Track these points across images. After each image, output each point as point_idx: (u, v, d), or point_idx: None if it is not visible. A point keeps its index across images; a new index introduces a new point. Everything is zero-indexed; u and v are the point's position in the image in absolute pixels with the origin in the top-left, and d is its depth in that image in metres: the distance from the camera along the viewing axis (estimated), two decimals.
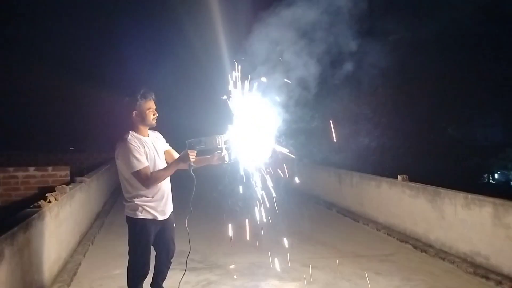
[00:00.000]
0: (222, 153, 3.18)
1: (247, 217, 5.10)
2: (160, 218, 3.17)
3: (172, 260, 3.45)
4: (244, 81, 3.33)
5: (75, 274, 4.79)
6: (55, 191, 5.07)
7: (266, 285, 4.52)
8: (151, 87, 3.24)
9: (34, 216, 3.96)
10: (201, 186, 3.16)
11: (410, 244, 6.02)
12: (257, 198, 3.75)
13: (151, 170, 3.08)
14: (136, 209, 3.08)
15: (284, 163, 4.69)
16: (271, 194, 3.78)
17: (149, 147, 3.15)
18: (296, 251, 5.62)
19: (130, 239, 3.17)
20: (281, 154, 3.41)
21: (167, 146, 3.42)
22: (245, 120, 3.26)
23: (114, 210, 8.49)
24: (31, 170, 6.81)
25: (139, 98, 3.11)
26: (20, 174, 6.74)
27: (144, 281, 3.29)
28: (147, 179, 3.02)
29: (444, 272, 4.95)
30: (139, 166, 3.00)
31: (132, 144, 3.03)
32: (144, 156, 3.06)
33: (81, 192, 6.55)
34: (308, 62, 4.18)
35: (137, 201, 3.08)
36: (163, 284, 3.48)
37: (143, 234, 3.12)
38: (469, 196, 5.21)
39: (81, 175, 7.25)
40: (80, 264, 5.13)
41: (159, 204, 3.17)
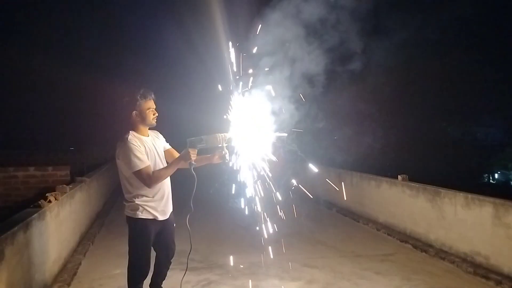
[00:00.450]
0: (223, 152, 3.18)
1: (247, 217, 5.10)
2: (161, 218, 3.17)
3: (172, 260, 3.45)
4: (249, 78, 3.32)
5: (76, 274, 4.80)
6: (56, 191, 5.07)
7: (267, 285, 4.52)
8: (151, 86, 3.24)
9: (34, 216, 3.96)
10: (198, 184, 3.15)
11: (410, 244, 6.02)
12: (257, 198, 3.75)
13: (152, 170, 3.08)
14: (137, 209, 3.08)
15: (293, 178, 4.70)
16: (271, 196, 3.77)
17: (150, 147, 3.15)
18: (296, 251, 5.62)
19: (130, 239, 3.16)
20: (284, 154, 3.40)
21: (167, 146, 3.42)
22: (245, 119, 3.25)
23: (114, 210, 8.49)
24: (31, 170, 6.80)
25: (139, 98, 3.11)
26: (20, 174, 6.73)
27: (144, 281, 3.29)
28: (149, 178, 3.02)
29: (444, 272, 4.95)
30: (141, 166, 3.00)
31: (133, 144, 3.03)
32: (145, 156, 3.06)
33: (82, 192, 6.55)
34: (312, 60, 4.15)
35: (138, 201, 3.08)
36: (162, 285, 3.48)
37: (144, 234, 3.12)
38: (469, 196, 5.21)
39: (82, 175, 7.25)
40: (81, 264, 5.13)
41: (160, 204, 3.16)
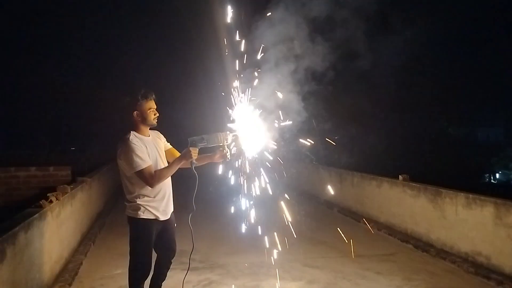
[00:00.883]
0: (224, 151, 3.18)
1: (247, 217, 5.10)
2: (162, 218, 3.17)
3: (172, 260, 3.45)
4: (253, 78, 3.31)
5: (77, 274, 4.80)
6: (57, 191, 5.07)
7: (267, 285, 4.51)
8: (152, 87, 3.24)
9: (36, 216, 3.97)
10: (199, 183, 3.14)
11: (411, 244, 6.01)
12: (257, 198, 3.75)
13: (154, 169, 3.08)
14: (138, 209, 3.08)
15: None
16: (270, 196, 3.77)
17: (151, 147, 3.15)
18: (297, 251, 5.62)
19: (132, 239, 3.16)
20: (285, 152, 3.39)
21: (168, 145, 3.42)
22: (246, 118, 3.25)
23: (115, 210, 8.49)
24: (33, 170, 6.81)
25: (140, 98, 3.11)
26: (22, 174, 6.74)
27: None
28: (151, 178, 3.02)
29: (445, 272, 4.95)
30: (143, 165, 3.00)
31: (134, 144, 3.03)
32: (147, 155, 3.06)
33: (83, 192, 6.56)
34: (318, 59, 4.13)
35: (139, 201, 3.08)
36: (162, 285, 3.47)
37: (145, 234, 3.12)
38: (470, 196, 5.21)
39: (83, 175, 7.25)
40: (82, 264, 5.14)
41: (161, 204, 3.16)
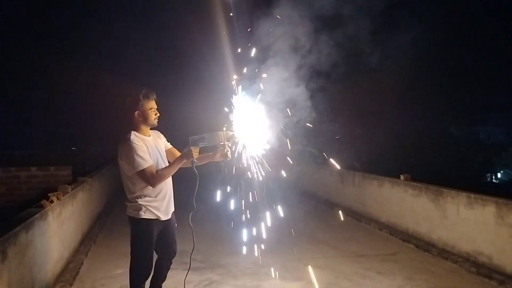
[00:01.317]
0: (225, 150, 3.17)
1: (247, 217, 5.10)
2: (163, 218, 3.17)
3: (173, 260, 3.45)
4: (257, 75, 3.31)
5: (78, 274, 4.80)
6: (58, 191, 5.08)
7: (268, 285, 4.51)
8: (153, 86, 3.24)
9: (37, 216, 3.97)
10: (200, 182, 3.13)
11: (413, 244, 6.00)
12: (257, 198, 3.74)
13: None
14: (139, 209, 3.08)
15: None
16: (271, 195, 3.76)
17: (152, 147, 3.15)
18: (298, 251, 5.61)
19: (133, 239, 3.15)
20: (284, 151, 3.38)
21: (169, 145, 3.42)
22: (246, 118, 3.25)
23: (116, 210, 8.49)
24: (33, 170, 6.82)
25: (141, 98, 3.11)
26: (23, 174, 6.76)
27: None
28: (153, 178, 3.01)
29: (447, 272, 4.94)
30: (145, 165, 2.99)
31: (136, 144, 3.02)
32: (148, 155, 3.06)
33: (83, 192, 6.56)
34: (323, 57, 4.11)
35: (140, 201, 3.08)
36: (162, 286, 3.46)
37: (146, 234, 3.11)
38: (472, 196, 5.19)
39: (83, 175, 7.26)
40: (83, 264, 5.13)
41: (162, 204, 3.16)
